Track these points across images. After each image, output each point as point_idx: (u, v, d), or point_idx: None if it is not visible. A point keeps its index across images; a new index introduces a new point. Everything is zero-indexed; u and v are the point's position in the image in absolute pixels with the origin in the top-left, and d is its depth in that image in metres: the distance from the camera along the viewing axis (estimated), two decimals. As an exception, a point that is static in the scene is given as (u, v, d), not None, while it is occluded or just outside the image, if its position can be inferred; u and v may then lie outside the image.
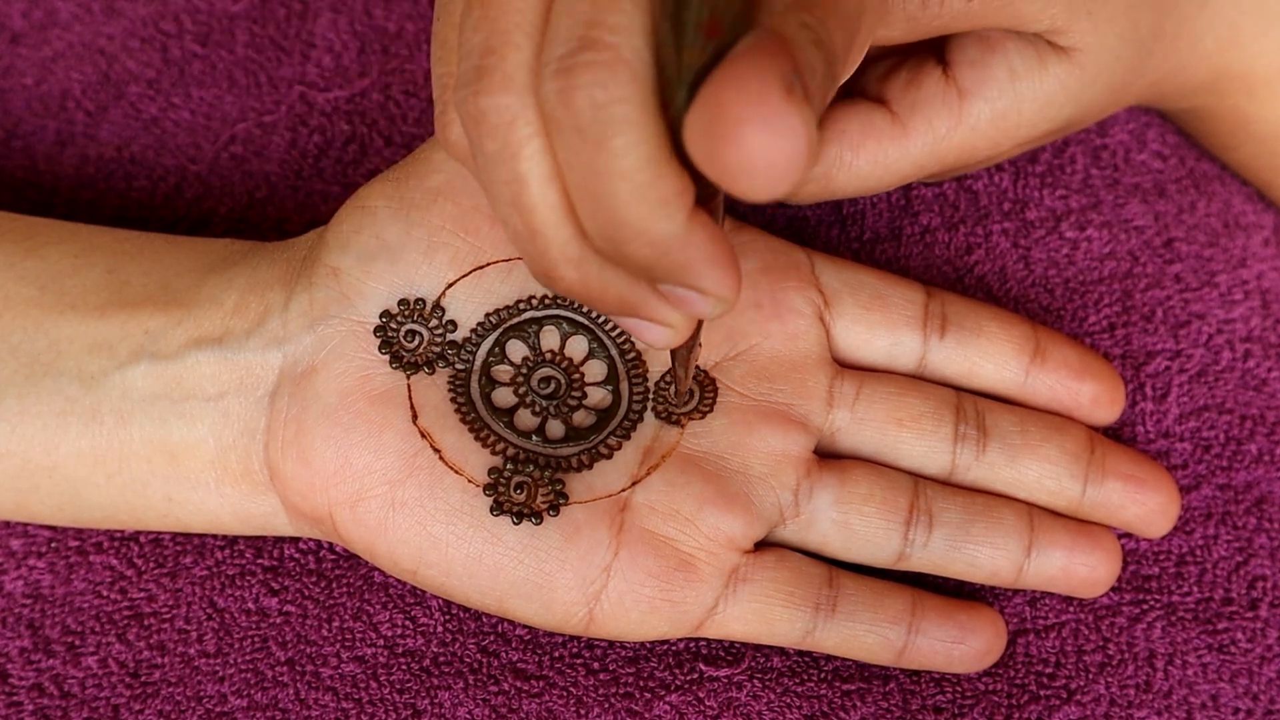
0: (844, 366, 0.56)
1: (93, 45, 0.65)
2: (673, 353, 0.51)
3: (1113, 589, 0.57)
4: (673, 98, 0.38)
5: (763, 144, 0.35)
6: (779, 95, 0.35)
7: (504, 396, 0.53)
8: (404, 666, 0.54)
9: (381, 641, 0.55)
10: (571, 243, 0.42)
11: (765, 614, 0.53)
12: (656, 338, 0.45)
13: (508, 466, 0.51)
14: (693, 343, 0.49)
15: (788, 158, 0.35)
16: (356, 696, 0.54)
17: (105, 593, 0.55)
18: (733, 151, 0.35)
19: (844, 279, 0.57)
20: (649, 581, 0.51)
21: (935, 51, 0.55)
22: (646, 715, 0.54)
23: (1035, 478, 0.56)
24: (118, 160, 0.63)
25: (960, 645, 0.54)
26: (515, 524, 0.50)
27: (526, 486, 0.51)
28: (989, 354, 0.57)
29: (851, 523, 0.54)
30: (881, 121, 0.54)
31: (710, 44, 0.37)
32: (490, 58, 0.41)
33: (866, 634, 0.53)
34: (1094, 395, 0.57)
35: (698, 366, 0.54)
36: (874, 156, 0.54)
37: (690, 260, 0.40)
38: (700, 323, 0.48)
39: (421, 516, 0.50)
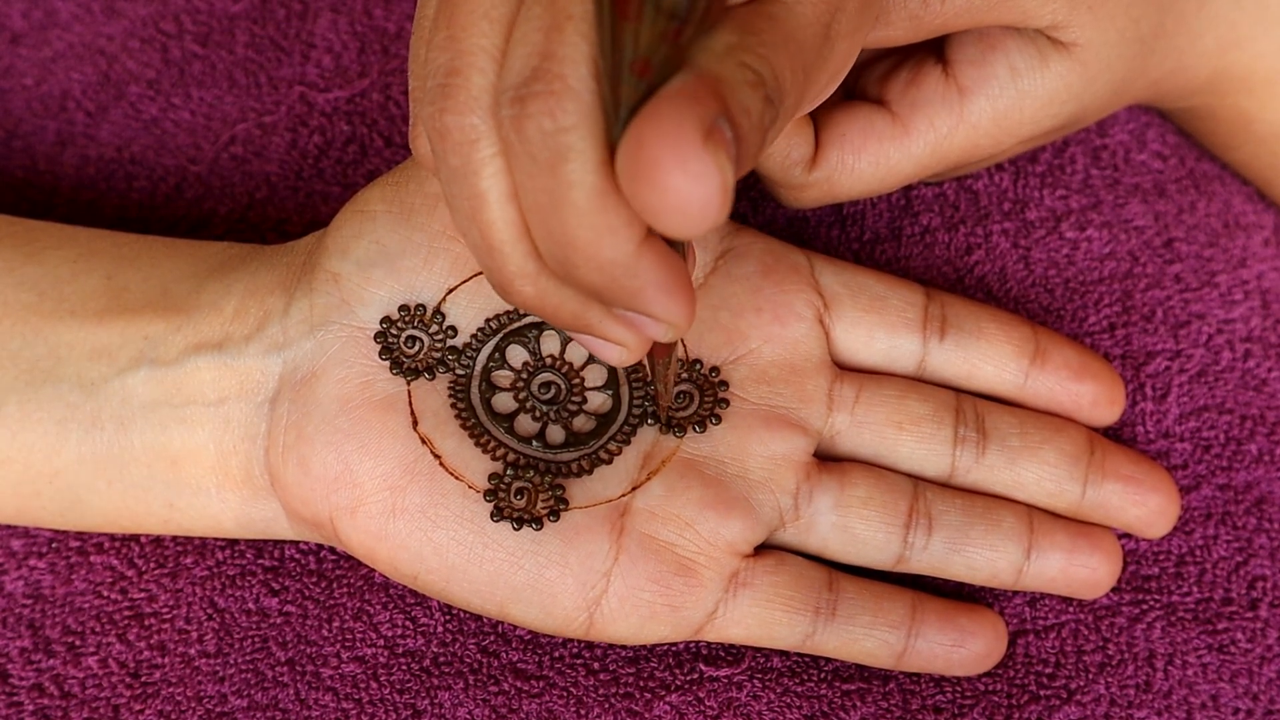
0: (843, 369, 0.56)
1: (93, 45, 0.65)
2: (650, 368, 0.51)
3: (1112, 589, 0.57)
4: (612, 130, 0.39)
5: (678, 186, 0.36)
6: (695, 140, 0.36)
7: (504, 402, 0.53)
8: (404, 667, 0.54)
9: (382, 642, 0.55)
10: (528, 260, 0.43)
11: (765, 618, 0.53)
12: (611, 356, 0.46)
13: (508, 472, 0.51)
14: (668, 359, 0.50)
15: (702, 201, 0.36)
16: (357, 697, 0.54)
17: (106, 593, 0.55)
18: (650, 191, 0.36)
19: (844, 281, 0.57)
20: (649, 586, 0.51)
21: (935, 51, 0.55)
22: (647, 715, 0.54)
23: (1035, 480, 0.56)
24: (118, 160, 0.63)
25: (960, 649, 0.54)
26: (515, 529, 0.50)
27: (527, 492, 0.51)
28: (989, 356, 0.57)
29: (851, 526, 0.54)
30: (882, 123, 0.54)
31: (642, 83, 0.37)
32: (455, 77, 0.42)
33: (866, 638, 0.53)
34: (1094, 397, 0.57)
35: (700, 370, 0.54)
36: (876, 158, 0.54)
37: (640, 286, 0.41)
38: (678, 341, 0.49)
39: (422, 522, 0.50)
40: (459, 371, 0.53)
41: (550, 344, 0.54)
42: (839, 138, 0.54)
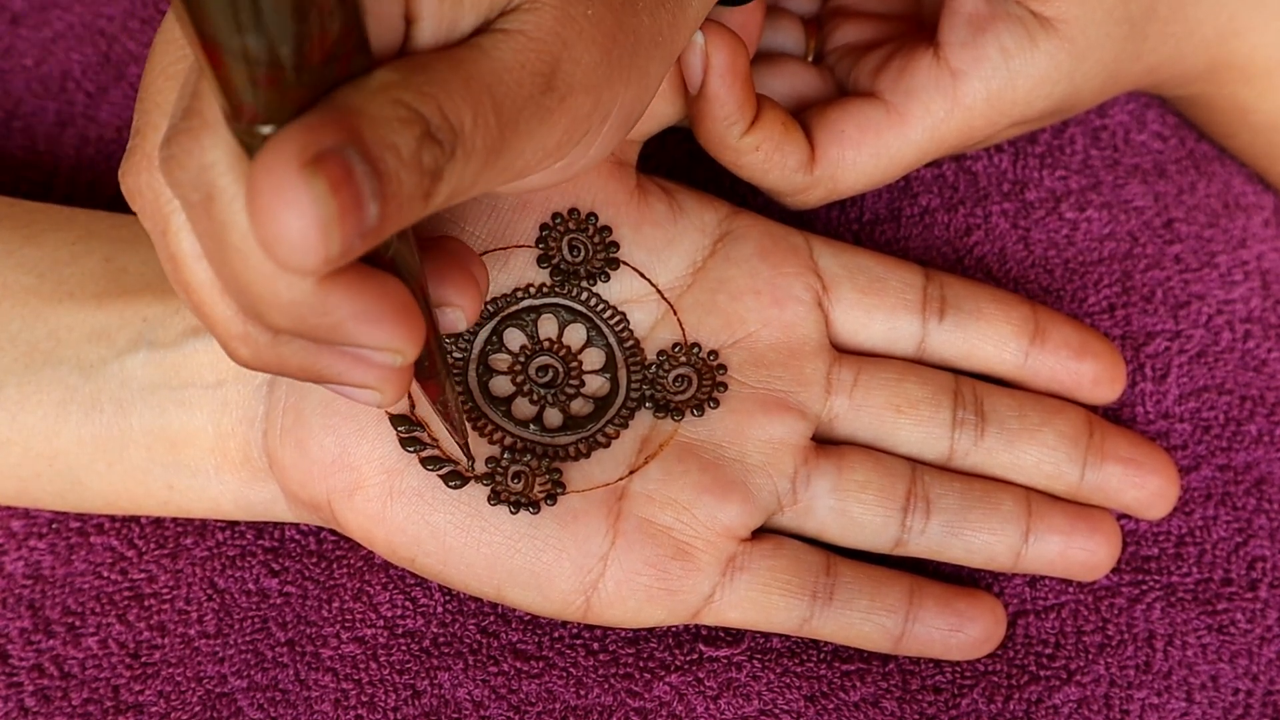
0: (842, 351, 0.56)
1: (93, 26, 0.64)
2: (431, 406, 0.49)
3: (1112, 570, 0.57)
4: None
5: (277, 216, 0.33)
6: (290, 168, 0.33)
7: (502, 385, 0.53)
8: (404, 647, 0.54)
9: (381, 622, 0.55)
10: (234, 319, 0.41)
11: (762, 602, 0.53)
12: (366, 400, 0.42)
13: (505, 456, 0.51)
14: (443, 395, 0.47)
15: (299, 229, 0.33)
16: (356, 677, 0.54)
17: (106, 573, 0.55)
18: (258, 223, 0.34)
19: (842, 263, 0.57)
20: (646, 570, 0.51)
21: (925, 38, 0.56)
22: (646, 696, 0.54)
23: (1033, 462, 0.56)
24: (118, 141, 0.62)
25: (958, 634, 0.54)
26: (513, 513, 0.50)
27: (524, 476, 0.51)
28: (988, 336, 0.57)
29: (849, 510, 0.54)
30: (878, 114, 0.55)
31: (254, 128, 0.35)
32: (136, 138, 0.40)
33: (863, 622, 0.54)
34: (1094, 375, 0.57)
35: (699, 354, 0.54)
36: (876, 150, 0.55)
37: (336, 321, 0.38)
38: (442, 379, 0.46)
39: (419, 505, 0.50)
40: (456, 355, 0.53)
41: (548, 327, 0.54)
42: (837, 135, 0.55)
